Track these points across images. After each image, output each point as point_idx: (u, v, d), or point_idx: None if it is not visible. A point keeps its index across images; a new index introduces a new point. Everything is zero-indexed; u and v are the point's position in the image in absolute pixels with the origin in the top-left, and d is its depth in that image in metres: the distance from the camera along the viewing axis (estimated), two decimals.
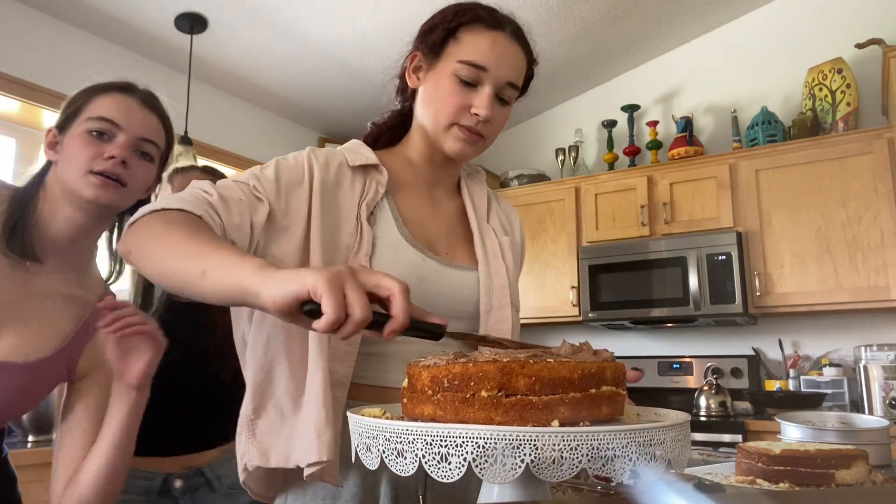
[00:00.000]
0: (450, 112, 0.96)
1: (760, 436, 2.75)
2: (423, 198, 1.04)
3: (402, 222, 0.98)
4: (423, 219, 1.02)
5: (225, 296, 0.70)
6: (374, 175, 0.99)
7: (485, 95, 0.95)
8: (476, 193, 1.11)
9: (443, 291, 0.96)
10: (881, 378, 2.74)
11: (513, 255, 1.07)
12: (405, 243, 0.95)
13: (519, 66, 0.99)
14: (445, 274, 0.97)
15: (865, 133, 3.00)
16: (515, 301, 1.05)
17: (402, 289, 0.65)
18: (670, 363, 3.51)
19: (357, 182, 0.97)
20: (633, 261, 3.35)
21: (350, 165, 0.99)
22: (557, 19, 3.26)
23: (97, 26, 2.89)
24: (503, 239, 1.07)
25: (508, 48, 0.97)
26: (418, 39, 1.02)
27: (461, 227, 1.07)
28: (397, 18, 3.11)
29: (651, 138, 3.66)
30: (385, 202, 0.98)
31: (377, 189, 0.97)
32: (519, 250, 1.13)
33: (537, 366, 0.61)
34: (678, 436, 0.62)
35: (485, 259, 1.02)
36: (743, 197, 3.22)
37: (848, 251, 2.96)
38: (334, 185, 0.95)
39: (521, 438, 0.56)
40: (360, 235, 0.92)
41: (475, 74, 0.95)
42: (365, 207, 0.94)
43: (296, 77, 3.52)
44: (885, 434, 1.09)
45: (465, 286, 0.99)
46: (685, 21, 3.57)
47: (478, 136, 0.98)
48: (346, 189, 0.96)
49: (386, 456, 0.61)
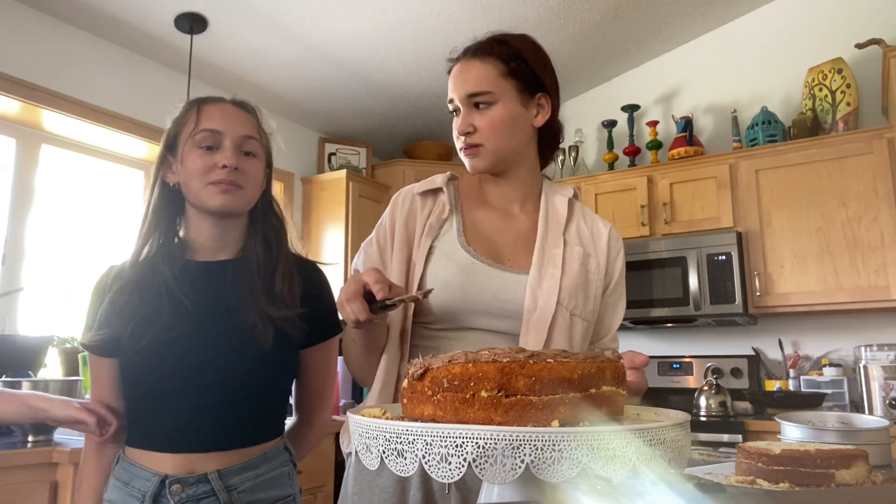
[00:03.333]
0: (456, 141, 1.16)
1: (760, 436, 2.75)
2: (494, 213, 1.19)
3: (463, 232, 1.15)
4: (489, 230, 1.17)
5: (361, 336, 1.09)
6: (440, 197, 1.19)
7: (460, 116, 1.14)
8: (553, 207, 1.22)
9: (489, 291, 1.08)
10: (881, 378, 2.74)
11: (582, 265, 1.15)
12: (460, 249, 1.12)
13: (476, 76, 1.12)
14: (493, 275, 1.10)
15: (865, 133, 3.00)
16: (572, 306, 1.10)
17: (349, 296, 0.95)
18: (670, 363, 3.51)
19: (426, 206, 1.18)
20: (633, 261, 3.35)
21: (417, 193, 1.20)
22: (557, 19, 3.26)
23: (97, 26, 2.89)
24: (574, 249, 1.16)
25: (461, 70, 1.14)
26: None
27: (530, 237, 1.17)
28: (397, 19, 3.11)
29: (651, 138, 3.66)
30: (453, 218, 1.17)
31: (442, 207, 1.17)
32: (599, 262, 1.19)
33: (537, 366, 0.61)
34: (678, 436, 0.62)
35: (539, 263, 1.11)
36: (743, 197, 3.22)
37: (848, 251, 2.95)
38: (408, 215, 1.18)
39: (521, 438, 0.56)
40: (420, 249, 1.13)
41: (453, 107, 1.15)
42: (428, 226, 1.15)
43: (296, 77, 3.52)
44: (885, 434, 1.09)
45: (511, 287, 1.09)
46: (685, 21, 3.57)
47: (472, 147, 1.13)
48: (418, 214, 1.18)
49: (386, 456, 0.61)
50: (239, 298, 1.17)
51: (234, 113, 1.23)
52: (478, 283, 1.08)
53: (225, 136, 1.18)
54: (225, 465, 1.13)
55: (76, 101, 2.83)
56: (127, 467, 1.15)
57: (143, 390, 1.15)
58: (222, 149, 1.18)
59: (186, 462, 1.12)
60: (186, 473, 1.11)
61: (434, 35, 3.25)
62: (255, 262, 1.21)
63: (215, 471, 1.12)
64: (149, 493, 1.10)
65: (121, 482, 1.14)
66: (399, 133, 4.25)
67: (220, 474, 1.12)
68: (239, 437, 1.15)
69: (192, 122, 1.19)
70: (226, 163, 1.16)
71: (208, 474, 1.12)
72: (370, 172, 4.18)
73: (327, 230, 3.85)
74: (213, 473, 1.12)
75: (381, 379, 1.10)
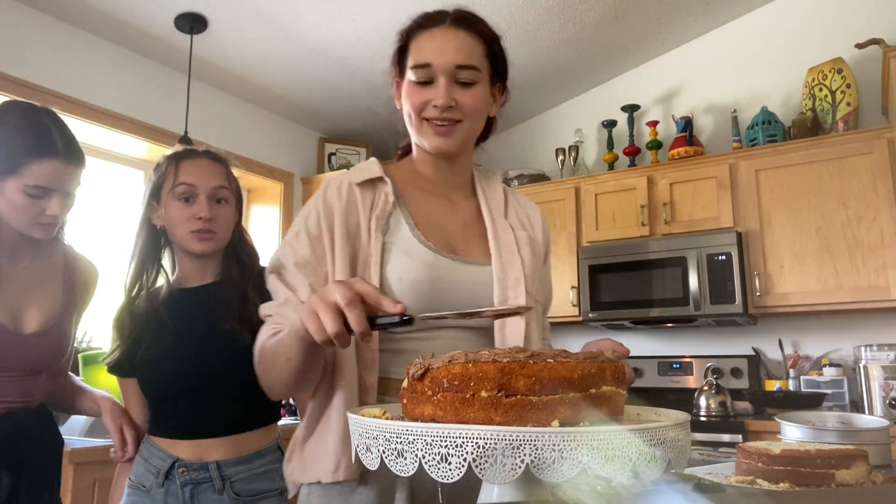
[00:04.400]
0: (416, 111, 1.04)
1: (760, 436, 2.75)
2: (436, 201, 1.11)
3: (416, 226, 1.05)
4: (437, 220, 1.08)
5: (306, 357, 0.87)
6: (380, 187, 1.06)
7: (439, 86, 1.02)
8: (490, 192, 1.17)
9: (458, 287, 1.02)
10: (881, 378, 2.74)
11: (531, 249, 1.10)
12: (419, 245, 1.02)
13: (465, 47, 1.04)
14: (460, 270, 1.03)
15: (865, 133, 3.00)
16: (536, 294, 1.08)
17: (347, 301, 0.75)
18: (670, 363, 3.51)
19: (367, 198, 1.05)
20: (633, 261, 3.35)
21: (355, 183, 1.06)
22: (557, 19, 3.26)
23: (97, 26, 2.89)
24: (520, 234, 1.11)
25: (448, 36, 1.04)
26: (391, 69, 1.13)
27: (477, 224, 1.12)
28: (397, 19, 3.09)
29: (651, 138, 3.66)
30: (398, 210, 1.05)
31: (385, 199, 1.05)
32: (540, 245, 1.16)
33: (537, 366, 0.61)
34: (678, 436, 0.62)
35: (498, 252, 1.06)
36: (743, 197, 3.22)
37: (848, 251, 2.95)
38: (347, 207, 1.04)
39: (521, 438, 0.56)
40: (371, 246, 1.01)
41: (425, 73, 1.03)
42: (375, 219, 1.02)
43: (296, 77, 3.52)
44: (885, 434, 1.09)
45: (479, 280, 1.04)
46: (685, 21, 3.57)
47: (447, 123, 1.03)
48: (359, 207, 1.04)
49: (386, 456, 0.61)
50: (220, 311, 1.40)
51: (207, 167, 1.44)
52: (446, 280, 1.01)
53: (199, 189, 1.41)
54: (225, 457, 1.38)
55: (76, 101, 2.83)
56: (149, 447, 1.42)
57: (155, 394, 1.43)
58: (197, 202, 1.40)
59: (196, 448, 1.38)
60: (195, 459, 1.37)
61: None
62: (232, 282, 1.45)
63: (215, 461, 1.37)
64: (162, 471, 1.36)
65: (143, 458, 1.42)
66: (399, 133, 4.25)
67: (218, 465, 1.37)
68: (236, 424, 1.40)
69: (172, 177, 1.42)
70: (201, 215, 1.39)
71: (209, 463, 1.36)
72: None
73: None
74: (213, 463, 1.37)
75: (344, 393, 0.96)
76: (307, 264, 1.00)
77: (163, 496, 1.36)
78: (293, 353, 0.86)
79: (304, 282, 0.99)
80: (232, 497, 1.37)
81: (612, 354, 0.69)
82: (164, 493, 1.36)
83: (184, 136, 2.91)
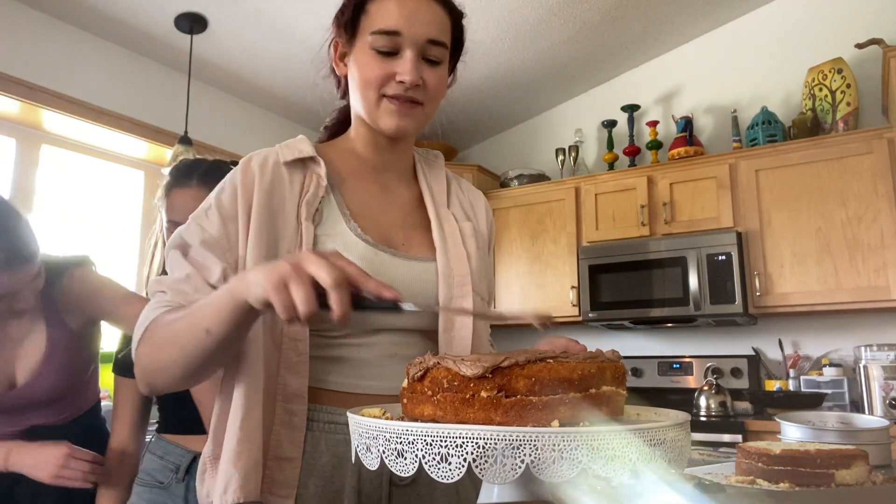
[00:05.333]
0: (375, 86, 0.91)
1: (760, 436, 2.75)
2: (373, 187, 0.99)
3: (351, 216, 0.93)
4: (373, 210, 0.97)
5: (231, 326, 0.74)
6: (313, 168, 0.94)
7: (406, 60, 0.89)
8: (433, 179, 1.06)
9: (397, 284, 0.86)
10: (881, 378, 2.74)
11: (476, 241, 1.01)
12: (354, 238, 0.91)
13: (437, 20, 0.92)
14: (400, 266, 0.93)
15: (865, 133, 3.00)
16: (481, 289, 0.99)
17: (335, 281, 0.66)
18: (670, 363, 3.51)
19: (296, 180, 0.92)
20: (633, 261, 3.35)
21: (284, 162, 0.93)
22: (557, 19, 3.26)
23: (97, 26, 2.89)
24: (465, 224, 1.01)
25: (420, 5, 0.91)
26: (333, 26, 0.99)
27: (418, 214, 1.01)
28: None
29: (651, 138, 3.66)
30: (331, 197, 0.93)
31: (318, 183, 0.92)
32: (484, 236, 1.06)
33: (537, 366, 0.61)
34: (678, 436, 0.62)
35: (443, 247, 0.96)
36: (743, 197, 3.22)
37: (848, 251, 2.95)
38: (272, 186, 0.90)
39: (521, 438, 0.56)
40: (301, 236, 0.88)
41: (391, 41, 0.90)
42: (305, 206, 0.90)
43: (296, 77, 3.52)
44: (885, 434, 1.09)
45: (422, 277, 0.94)
46: (685, 21, 3.57)
47: (410, 103, 0.91)
48: (286, 189, 0.91)
49: (386, 456, 0.61)
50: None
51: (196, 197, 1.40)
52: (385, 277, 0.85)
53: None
54: None
55: (76, 101, 2.83)
56: (163, 445, 1.44)
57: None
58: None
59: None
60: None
61: None
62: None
63: None
64: (182, 466, 1.38)
65: (156, 456, 1.43)
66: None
67: None
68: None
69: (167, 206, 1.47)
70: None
71: None
72: None
73: None
74: None
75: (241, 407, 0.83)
76: (217, 245, 0.87)
77: (183, 491, 1.38)
78: (218, 324, 0.73)
79: (215, 262, 0.86)
80: None
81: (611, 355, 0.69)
82: (185, 489, 1.38)
83: (184, 136, 2.91)
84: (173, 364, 0.79)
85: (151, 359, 0.82)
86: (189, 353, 0.77)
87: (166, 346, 0.79)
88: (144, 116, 3.10)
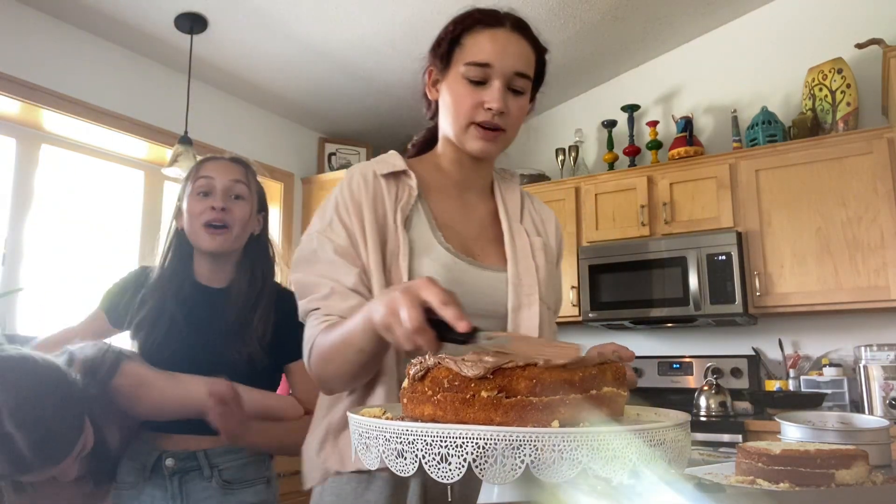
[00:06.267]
0: (465, 112, 1.01)
1: (760, 436, 2.75)
2: (455, 201, 1.10)
3: (437, 226, 1.04)
4: (455, 222, 1.08)
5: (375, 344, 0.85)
6: (405, 180, 1.06)
7: (495, 89, 1.00)
8: (508, 196, 1.16)
9: (473, 291, 1.01)
10: (881, 378, 2.74)
11: (545, 255, 1.10)
12: (438, 246, 1.02)
13: (524, 55, 1.03)
14: (476, 275, 1.03)
15: (865, 133, 3.00)
16: (548, 299, 1.08)
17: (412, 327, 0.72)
18: (670, 363, 3.51)
19: (391, 189, 1.04)
20: (633, 261, 3.35)
21: (381, 174, 1.05)
22: (557, 19, 3.26)
23: (97, 26, 2.89)
24: (535, 239, 1.11)
25: (510, 41, 1.02)
26: (430, 55, 1.10)
27: (493, 228, 1.12)
28: (397, 19, 3.11)
29: (651, 138, 3.66)
30: (420, 206, 1.05)
31: (409, 193, 1.04)
32: (553, 250, 1.16)
33: (538, 368, 0.61)
34: (678, 436, 0.62)
35: (514, 259, 1.06)
36: (743, 197, 3.22)
37: (848, 251, 2.95)
38: (375, 198, 1.03)
39: (521, 439, 0.56)
40: (398, 238, 1.00)
41: (482, 72, 1.00)
42: (400, 212, 1.02)
43: (296, 77, 3.52)
44: (885, 434, 1.09)
45: (494, 286, 1.04)
46: (685, 21, 3.57)
47: (495, 130, 1.02)
48: (384, 197, 1.03)
49: (386, 456, 0.61)
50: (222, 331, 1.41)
51: (226, 164, 1.50)
52: (462, 284, 0.99)
53: (216, 181, 1.46)
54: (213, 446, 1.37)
55: (76, 101, 2.83)
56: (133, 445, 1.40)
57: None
58: (214, 194, 1.45)
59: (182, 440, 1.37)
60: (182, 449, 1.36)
61: (434, 35, 3.25)
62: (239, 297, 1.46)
63: (203, 450, 1.37)
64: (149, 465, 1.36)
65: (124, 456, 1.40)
66: (399, 133, 4.25)
67: (206, 453, 1.37)
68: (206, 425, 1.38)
69: (193, 176, 1.48)
70: (215, 205, 1.43)
71: (197, 452, 1.37)
72: None
73: None
74: (201, 452, 1.37)
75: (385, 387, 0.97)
76: (347, 253, 0.99)
77: (150, 489, 1.36)
78: (366, 343, 0.85)
79: (349, 268, 0.98)
80: (220, 484, 1.37)
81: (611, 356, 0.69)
82: (152, 487, 1.36)
83: (184, 136, 2.91)
84: (341, 374, 0.94)
85: (322, 370, 0.96)
86: (351, 366, 0.91)
87: (333, 360, 0.93)
88: (144, 116, 3.10)
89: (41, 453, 1.08)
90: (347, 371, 0.92)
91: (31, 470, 1.09)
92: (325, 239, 1.00)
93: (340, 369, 0.93)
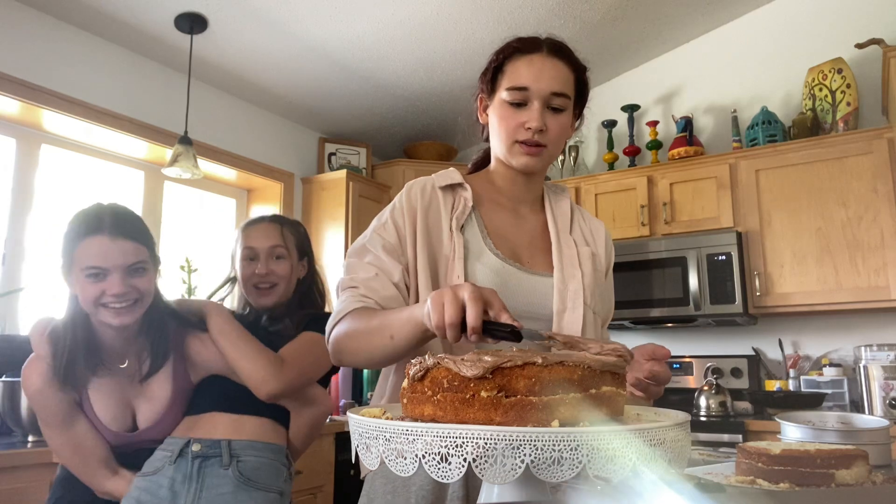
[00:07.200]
0: (509, 132, 1.12)
1: (760, 436, 2.75)
2: (507, 213, 1.20)
3: (487, 233, 1.14)
4: (506, 231, 1.18)
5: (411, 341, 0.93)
6: (461, 192, 1.17)
7: (533, 110, 1.10)
8: (558, 208, 1.25)
9: (520, 294, 1.10)
10: (881, 378, 2.74)
11: (593, 264, 1.19)
12: (488, 251, 1.11)
13: (561, 76, 1.13)
14: (523, 279, 1.12)
15: (865, 133, 3.00)
16: (595, 306, 1.16)
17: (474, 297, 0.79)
18: (670, 363, 3.49)
19: (447, 200, 1.16)
20: (633, 261, 3.35)
21: (438, 186, 1.17)
22: (557, 19, 3.26)
23: (97, 26, 2.89)
24: (583, 249, 1.19)
25: (545, 64, 1.12)
26: (479, 84, 1.22)
27: (543, 238, 1.20)
28: (396, 19, 3.11)
29: (651, 138, 3.66)
30: (473, 216, 1.15)
31: (465, 203, 1.15)
32: (602, 260, 1.24)
33: (537, 367, 0.61)
34: (678, 436, 0.62)
35: (560, 265, 1.15)
36: (743, 197, 3.22)
37: (848, 251, 2.95)
38: (428, 207, 1.14)
39: (521, 438, 0.56)
40: (454, 243, 1.10)
41: (521, 95, 1.11)
42: (455, 220, 1.13)
43: (296, 77, 3.52)
44: (885, 434, 1.09)
45: (541, 290, 1.12)
46: (685, 21, 3.57)
47: (536, 146, 1.12)
48: (439, 207, 1.15)
49: (386, 456, 0.61)
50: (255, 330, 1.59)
51: (265, 229, 1.69)
52: (509, 288, 1.09)
53: (259, 250, 1.66)
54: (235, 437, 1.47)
55: (76, 101, 2.83)
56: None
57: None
58: (259, 260, 1.65)
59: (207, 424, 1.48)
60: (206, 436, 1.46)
61: (434, 35, 3.25)
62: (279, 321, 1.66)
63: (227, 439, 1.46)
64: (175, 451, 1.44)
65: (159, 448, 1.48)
66: (399, 133, 4.25)
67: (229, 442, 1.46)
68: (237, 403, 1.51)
69: (241, 243, 1.69)
70: (258, 271, 1.64)
71: (220, 440, 1.46)
72: (370, 172, 4.18)
73: (327, 230, 3.85)
74: (224, 441, 1.46)
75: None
76: (394, 251, 1.11)
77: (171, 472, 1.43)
78: (400, 333, 0.93)
79: (395, 264, 1.09)
80: (236, 475, 1.43)
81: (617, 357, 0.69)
82: (174, 469, 1.44)
83: (184, 136, 2.91)
84: (361, 351, 1.01)
85: (343, 342, 1.03)
86: (374, 348, 0.98)
87: (358, 337, 1.01)
88: (144, 116, 3.10)
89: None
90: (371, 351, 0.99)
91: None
92: (377, 236, 1.13)
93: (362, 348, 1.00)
